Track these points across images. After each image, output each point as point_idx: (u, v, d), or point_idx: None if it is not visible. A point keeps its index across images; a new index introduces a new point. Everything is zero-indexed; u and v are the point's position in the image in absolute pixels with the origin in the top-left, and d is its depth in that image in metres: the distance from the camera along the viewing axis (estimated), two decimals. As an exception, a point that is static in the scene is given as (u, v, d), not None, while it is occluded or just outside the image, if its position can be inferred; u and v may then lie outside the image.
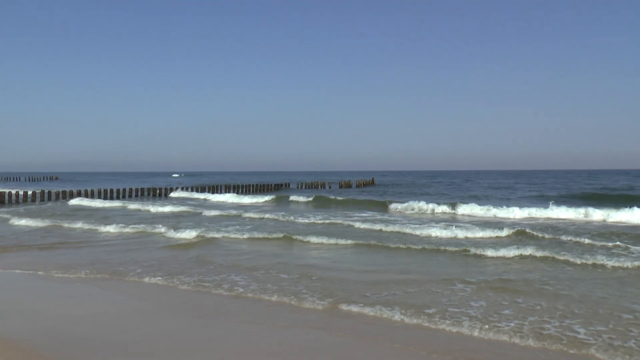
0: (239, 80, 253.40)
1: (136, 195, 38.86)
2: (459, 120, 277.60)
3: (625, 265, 9.75)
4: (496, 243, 12.95)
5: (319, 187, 55.59)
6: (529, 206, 22.44)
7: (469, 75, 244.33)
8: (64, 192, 35.46)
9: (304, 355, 5.16)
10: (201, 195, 39.79)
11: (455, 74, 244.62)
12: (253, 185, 49.10)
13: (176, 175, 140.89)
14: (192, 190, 42.88)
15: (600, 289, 7.98)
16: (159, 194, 41.05)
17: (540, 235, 14.24)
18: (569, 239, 13.35)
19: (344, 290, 7.86)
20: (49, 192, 35.35)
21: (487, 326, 5.96)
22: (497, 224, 17.37)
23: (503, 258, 10.86)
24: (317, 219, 19.33)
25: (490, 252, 11.25)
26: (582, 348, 5.27)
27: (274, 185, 53.74)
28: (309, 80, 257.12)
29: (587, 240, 12.86)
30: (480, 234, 14.54)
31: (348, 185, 58.95)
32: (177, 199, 37.41)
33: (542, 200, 30.08)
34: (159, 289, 8.28)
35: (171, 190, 42.57)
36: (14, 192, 33.06)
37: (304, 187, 55.45)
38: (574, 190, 40.63)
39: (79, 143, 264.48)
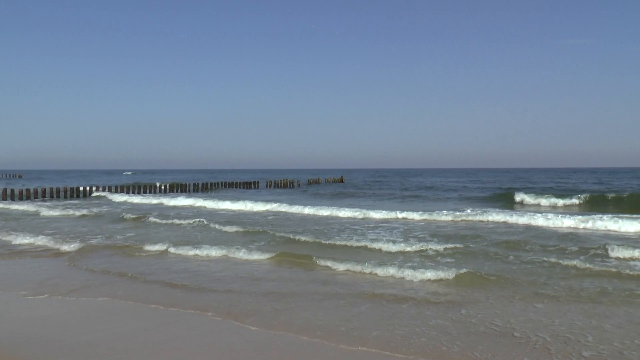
0: (216, 78, 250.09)
1: (52, 196, 36.02)
2: (439, 119, 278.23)
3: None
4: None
5: (288, 186, 54.31)
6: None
7: (447, 74, 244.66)
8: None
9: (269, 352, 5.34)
10: (120, 197, 37.10)
11: (433, 72, 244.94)
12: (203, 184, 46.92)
13: (128, 172, 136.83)
14: (117, 191, 40.00)
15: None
16: (78, 194, 38.29)
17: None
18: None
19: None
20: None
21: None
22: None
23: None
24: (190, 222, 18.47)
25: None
26: None
27: (243, 184, 52.35)
28: (293, 77, 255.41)
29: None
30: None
31: (317, 182, 58.81)
32: (96, 198, 35.19)
33: (464, 200, 29.21)
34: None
35: (92, 190, 39.75)
36: None
37: (273, 185, 53.86)
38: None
39: (46, 140, 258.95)
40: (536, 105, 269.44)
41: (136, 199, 34.09)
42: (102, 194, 38.04)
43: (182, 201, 30.42)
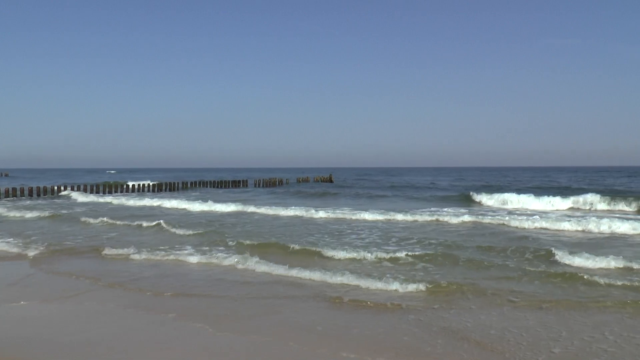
0: (215, 77, 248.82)
1: (22, 195, 34.92)
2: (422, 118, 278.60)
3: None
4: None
5: (277, 184, 54.22)
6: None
7: (447, 74, 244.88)
8: None
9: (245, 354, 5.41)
10: (85, 197, 35.79)
11: (432, 73, 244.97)
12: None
13: (112, 171, 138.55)
14: (85, 191, 38.60)
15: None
16: (45, 193, 37.00)
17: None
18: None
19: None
20: None
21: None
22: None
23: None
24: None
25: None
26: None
27: (232, 182, 51.08)
28: (291, 77, 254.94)
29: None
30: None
31: (306, 181, 58.98)
32: (61, 198, 34.11)
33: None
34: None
35: (59, 189, 38.33)
36: None
37: (262, 184, 53.15)
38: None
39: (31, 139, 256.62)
40: (530, 104, 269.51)
41: (102, 199, 32.80)
42: (69, 193, 36.72)
43: (146, 202, 29.17)
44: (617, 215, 19.30)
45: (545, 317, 6.56)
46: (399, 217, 18.79)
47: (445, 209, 22.10)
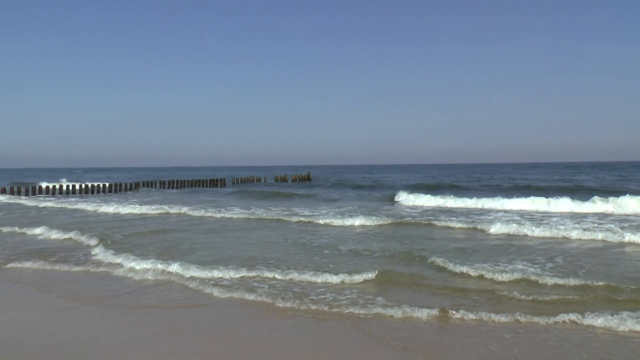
0: (209, 76, 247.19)
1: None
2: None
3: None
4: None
5: (255, 181, 54.30)
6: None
7: (446, 75, 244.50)
8: None
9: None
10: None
11: (432, 73, 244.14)
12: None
13: (79, 171, 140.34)
14: (17, 193, 36.09)
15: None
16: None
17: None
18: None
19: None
20: None
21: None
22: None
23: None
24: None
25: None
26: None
27: (210, 181, 49.57)
28: (288, 75, 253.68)
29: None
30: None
31: (284, 179, 58.68)
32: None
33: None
34: None
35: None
36: None
37: (239, 182, 52.48)
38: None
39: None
40: (526, 103, 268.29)
41: (23, 200, 30.35)
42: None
43: (55, 203, 27.98)
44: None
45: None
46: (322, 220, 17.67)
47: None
